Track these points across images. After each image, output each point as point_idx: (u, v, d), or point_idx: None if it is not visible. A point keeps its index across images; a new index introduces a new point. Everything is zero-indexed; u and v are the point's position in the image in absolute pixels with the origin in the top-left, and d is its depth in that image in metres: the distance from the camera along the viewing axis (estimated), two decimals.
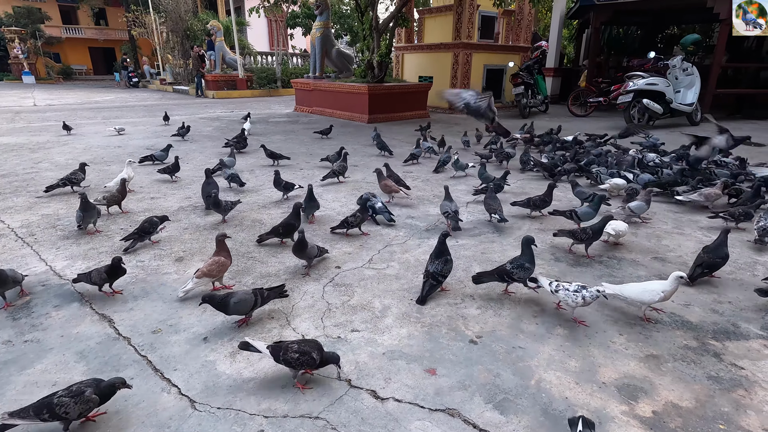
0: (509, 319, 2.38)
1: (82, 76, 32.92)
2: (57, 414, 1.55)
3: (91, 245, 3.25)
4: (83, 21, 35.11)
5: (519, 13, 13.34)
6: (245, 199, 4.36)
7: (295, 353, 1.81)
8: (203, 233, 3.51)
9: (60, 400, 1.56)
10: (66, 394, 1.58)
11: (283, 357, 1.82)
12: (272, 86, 18.77)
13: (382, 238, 3.44)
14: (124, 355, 2.06)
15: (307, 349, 1.82)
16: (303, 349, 1.82)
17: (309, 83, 11.64)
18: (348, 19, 20.79)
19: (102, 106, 13.47)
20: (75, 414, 1.58)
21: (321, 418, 1.70)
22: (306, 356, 1.80)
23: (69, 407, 1.55)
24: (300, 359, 1.80)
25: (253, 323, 2.31)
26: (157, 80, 23.15)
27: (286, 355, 1.81)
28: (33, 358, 2.03)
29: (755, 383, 1.89)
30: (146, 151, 6.63)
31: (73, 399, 1.56)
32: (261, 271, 2.91)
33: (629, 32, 15.37)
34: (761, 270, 2.95)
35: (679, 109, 9.10)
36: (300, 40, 24.89)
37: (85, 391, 1.59)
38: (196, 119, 10.54)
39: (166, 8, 20.42)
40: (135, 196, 4.46)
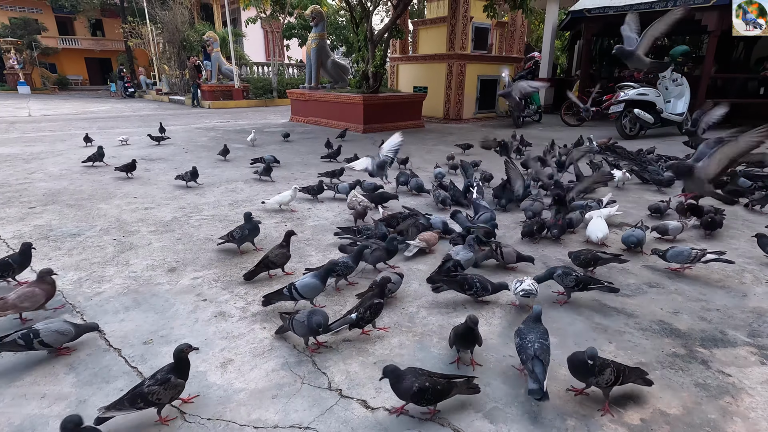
0: (500, 328, 2.39)
1: (78, 87, 32.99)
2: (150, 401, 1.67)
3: (83, 256, 3.24)
4: (80, 32, 35.26)
5: (512, 24, 13.56)
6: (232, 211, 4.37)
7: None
8: (197, 243, 3.52)
9: (150, 389, 1.67)
10: (153, 383, 1.70)
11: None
12: (268, 96, 18.87)
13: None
14: (114, 366, 2.05)
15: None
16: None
17: (305, 93, 11.73)
18: (343, 30, 21.03)
19: (97, 116, 13.49)
20: (167, 399, 1.71)
21: (311, 428, 1.70)
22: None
23: (160, 394, 1.68)
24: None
25: (244, 334, 2.32)
26: (153, 90, 23.23)
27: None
28: (22, 369, 2.02)
29: (742, 390, 1.91)
30: (141, 161, 6.65)
31: (161, 386, 1.69)
32: (254, 281, 2.91)
33: (620, 43, 15.62)
34: (749, 277, 2.99)
35: (670, 118, 9.23)
36: (296, 51, 25.16)
37: (170, 378, 1.72)
38: (192, 129, 10.57)
39: (162, 20, 20.58)
40: (129, 205, 4.46)
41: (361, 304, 2.26)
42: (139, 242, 3.52)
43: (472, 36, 12.24)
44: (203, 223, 3.99)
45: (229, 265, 3.14)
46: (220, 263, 3.16)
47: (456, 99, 12.07)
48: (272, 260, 2.86)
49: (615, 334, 2.33)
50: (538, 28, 20.75)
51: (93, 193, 4.89)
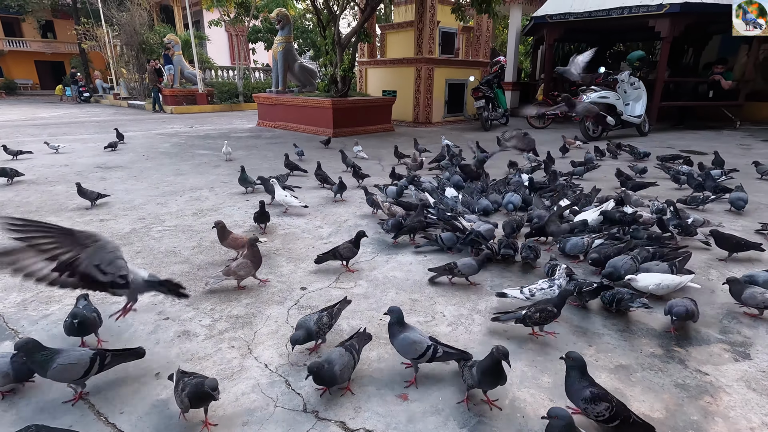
0: (480, 336, 2.33)
1: (27, 91, 31.11)
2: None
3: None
4: (28, 33, 33.28)
5: (477, 29, 13.79)
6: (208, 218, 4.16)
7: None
8: (158, 257, 3.29)
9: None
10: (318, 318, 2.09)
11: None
12: (234, 101, 18.38)
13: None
14: (60, 398, 1.85)
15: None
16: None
17: (272, 98, 11.47)
18: (310, 33, 20.82)
19: (48, 122, 12.70)
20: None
21: None
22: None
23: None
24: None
25: (211, 354, 2.15)
26: (111, 95, 22.17)
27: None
28: None
29: (719, 389, 1.93)
30: (96, 170, 6.26)
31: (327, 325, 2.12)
32: (220, 295, 2.73)
33: (580, 49, 16.21)
34: (715, 274, 3.07)
35: (629, 120, 9.61)
36: (262, 55, 24.69)
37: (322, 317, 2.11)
38: (153, 135, 10.11)
39: (119, 21, 19.67)
40: (82, 217, 4.15)
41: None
42: None
43: (440, 40, 12.35)
44: (165, 235, 3.75)
45: (194, 279, 2.94)
46: (183, 277, 2.95)
47: (425, 103, 12.12)
48: (341, 252, 3.02)
49: (594, 336, 2.32)
50: (502, 33, 21.24)
51: (41, 204, 4.53)
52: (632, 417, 1.61)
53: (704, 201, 4.39)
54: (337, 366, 1.78)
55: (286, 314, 2.51)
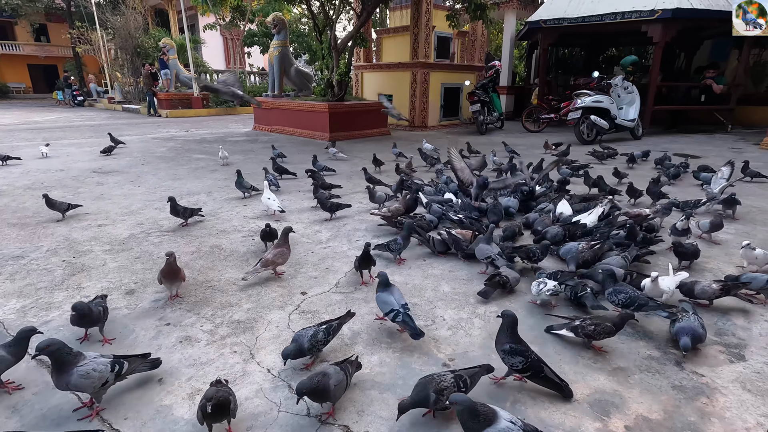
0: (480, 339, 2.36)
1: (20, 95, 30.90)
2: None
3: (27, 281, 2.95)
4: (21, 37, 33.04)
5: (472, 34, 13.89)
6: (205, 224, 4.16)
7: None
8: (157, 262, 3.29)
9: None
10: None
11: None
12: (229, 105, 18.37)
13: (348, 259, 3.36)
14: (65, 405, 1.85)
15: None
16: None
17: (268, 102, 11.48)
18: (306, 38, 20.85)
19: (42, 126, 12.62)
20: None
21: None
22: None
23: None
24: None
25: (213, 360, 2.16)
26: (105, 99, 22.07)
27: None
28: None
29: (715, 390, 1.96)
30: (93, 175, 6.25)
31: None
32: (221, 300, 2.75)
33: (574, 53, 16.39)
34: (709, 276, 3.12)
35: (623, 124, 9.71)
36: (258, 59, 24.67)
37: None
38: (149, 139, 10.09)
39: (114, 25, 19.61)
40: (80, 223, 4.14)
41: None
42: (92, 263, 3.26)
43: (435, 45, 12.43)
44: (164, 240, 3.75)
45: (194, 284, 2.95)
46: (183, 283, 2.96)
47: (421, 107, 12.18)
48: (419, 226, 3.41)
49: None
50: (497, 37, 21.39)
51: (38, 210, 4.51)
52: (544, 373, 1.86)
53: (696, 206, 4.45)
54: (332, 380, 1.73)
55: (287, 319, 2.53)
